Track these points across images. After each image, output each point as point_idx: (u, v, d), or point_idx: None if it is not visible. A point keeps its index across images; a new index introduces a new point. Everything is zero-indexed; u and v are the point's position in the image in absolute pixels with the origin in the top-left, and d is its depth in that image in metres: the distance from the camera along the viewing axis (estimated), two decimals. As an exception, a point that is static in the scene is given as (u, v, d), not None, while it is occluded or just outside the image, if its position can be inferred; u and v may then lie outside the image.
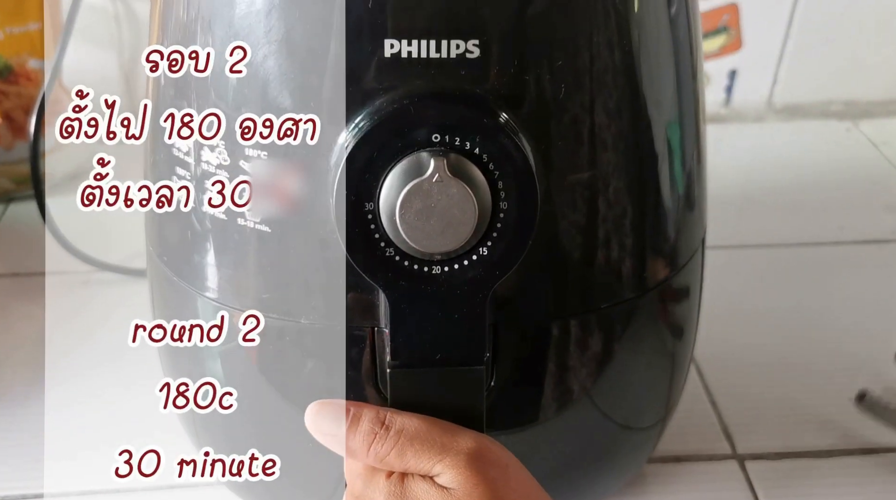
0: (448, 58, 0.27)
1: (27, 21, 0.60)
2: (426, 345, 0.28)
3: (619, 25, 0.29)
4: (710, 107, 0.78)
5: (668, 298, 0.34)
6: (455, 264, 0.28)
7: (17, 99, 0.61)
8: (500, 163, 0.27)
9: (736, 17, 0.73)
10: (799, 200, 0.69)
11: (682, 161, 0.33)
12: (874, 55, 0.78)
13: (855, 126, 0.79)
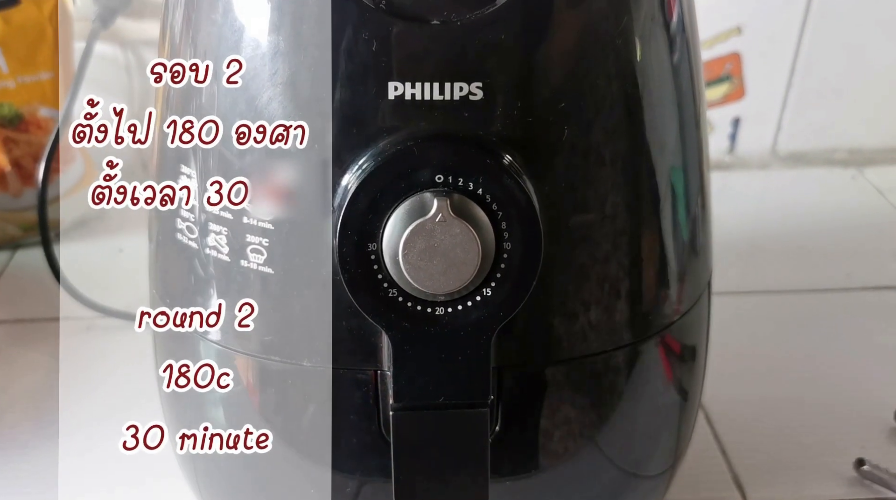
0: (451, 100, 0.27)
1: (39, 71, 0.61)
2: (429, 387, 0.28)
3: (622, 69, 0.29)
4: (715, 154, 0.78)
5: (673, 341, 0.34)
6: (458, 305, 0.27)
7: (27, 147, 0.62)
8: (503, 204, 0.27)
9: (739, 65, 0.74)
10: (806, 246, 0.68)
11: (685, 204, 0.33)
12: (878, 104, 0.78)
13: (860, 173, 0.79)
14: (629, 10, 0.28)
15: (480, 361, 0.28)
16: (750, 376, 0.53)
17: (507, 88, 0.27)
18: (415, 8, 0.27)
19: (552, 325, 0.30)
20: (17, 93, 0.60)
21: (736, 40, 0.73)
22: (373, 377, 0.30)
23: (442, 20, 0.27)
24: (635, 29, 0.29)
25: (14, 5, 0.59)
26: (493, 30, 0.27)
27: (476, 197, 0.27)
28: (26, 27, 0.60)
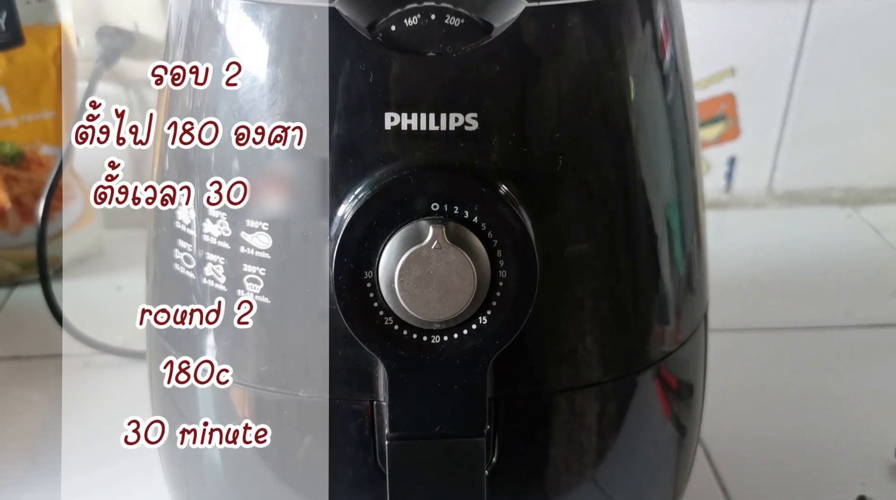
0: (447, 131, 0.27)
1: (42, 109, 0.62)
2: (425, 416, 0.28)
3: (616, 101, 0.29)
4: (711, 193, 0.79)
5: (670, 373, 0.34)
6: (454, 333, 0.27)
7: (28, 184, 0.62)
8: (498, 232, 0.27)
9: (733, 106, 0.75)
10: (804, 284, 0.69)
11: (680, 235, 0.33)
12: (872, 144, 0.79)
13: (856, 212, 0.79)
14: (622, 43, 0.29)
15: (476, 390, 0.28)
16: (750, 412, 0.53)
17: (502, 118, 0.28)
18: (411, 41, 0.27)
19: (548, 355, 0.30)
20: (20, 131, 0.61)
21: (730, 81, 0.73)
22: (369, 408, 0.30)
23: (438, 53, 0.27)
24: (628, 63, 0.29)
25: (18, 45, 0.60)
26: (488, 62, 0.27)
27: (471, 225, 0.27)
28: (30, 67, 0.61)
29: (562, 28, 0.28)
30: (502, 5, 0.27)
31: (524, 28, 0.27)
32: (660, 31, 0.30)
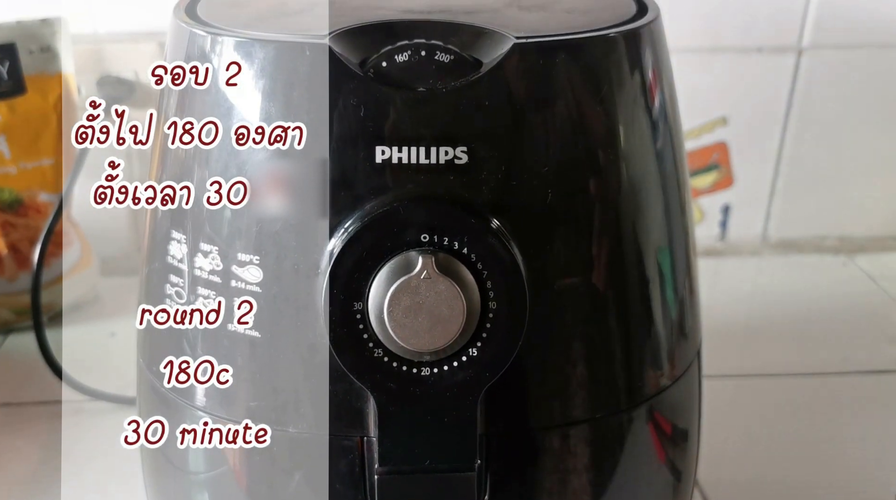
0: (437, 164, 0.28)
1: (41, 157, 0.62)
2: (415, 450, 0.28)
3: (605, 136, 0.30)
4: (706, 241, 0.79)
5: (663, 411, 0.34)
6: (444, 365, 0.27)
7: (25, 231, 0.62)
8: (488, 263, 0.27)
9: (726, 155, 0.75)
10: (801, 331, 0.68)
11: (671, 269, 0.33)
12: (864, 193, 0.80)
13: (851, 260, 0.80)
14: (610, 80, 0.29)
15: (467, 423, 0.28)
16: (748, 458, 0.52)
17: (491, 152, 0.28)
18: (402, 77, 0.28)
19: (539, 390, 0.30)
20: (18, 178, 0.61)
21: (721, 130, 0.74)
22: (359, 444, 0.30)
23: (428, 88, 0.28)
24: (616, 99, 0.30)
25: (20, 94, 0.61)
26: (477, 97, 0.28)
27: (461, 256, 0.27)
28: (31, 116, 0.61)
29: (550, 65, 0.28)
30: (491, 42, 0.28)
31: (513, 64, 0.28)
32: (648, 69, 0.31)
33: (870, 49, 0.73)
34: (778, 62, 0.72)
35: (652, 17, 0.31)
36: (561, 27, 0.30)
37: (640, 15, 0.31)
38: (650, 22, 0.31)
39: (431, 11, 0.31)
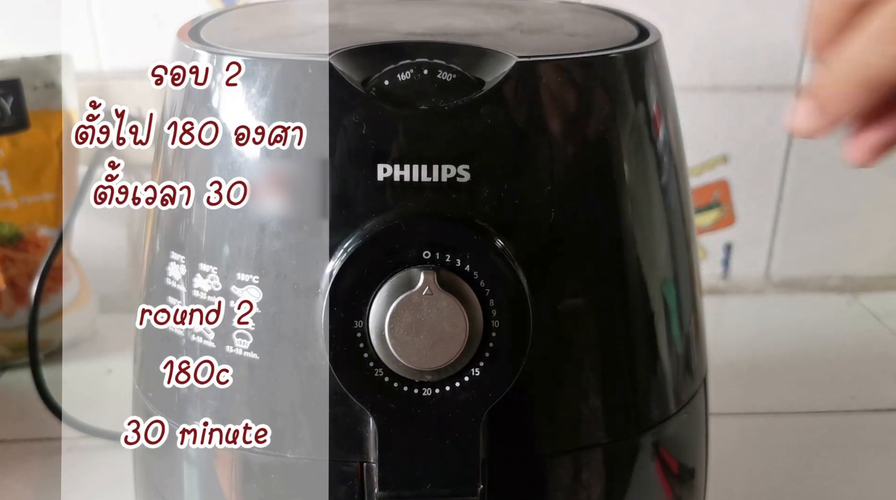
0: (439, 181, 0.28)
1: (42, 192, 0.62)
2: (416, 473, 0.27)
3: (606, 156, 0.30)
4: (709, 280, 0.78)
5: (669, 439, 0.33)
6: (446, 385, 0.27)
7: (24, 266, 0.62)
8: (490, 281, 0.27)
9: (727, 193, 0.75)
10: (807, 370, 0.68)
11: (676, 297, 0.33)
12: (867, 232, 0.79)
13: (855, 299, 0.79)
14: (611, 98, 0.29)
15: (469, 446, 0.27)
16: (754, 497, 0.51)
17: (493, 170, 0.28)
18: (404, 95, 0.28)
19: (543, 415, 0.29)
20: (19, 212, 0.61)
21: (722, 168, 0.75)
22: (358, 470, 0.29)
23: (430, 106, 0.27)
24: (618, 117, 0.30)
25: (23, 130, 0.61)
26: (479, 115, 0.28)
27: (463, 273, 0.27)
28: (33, 151, 0.61)
29: (551, 83, 0.28)
30: (493, 61, 0.28)
31: (515, 83, 0.28)
32: (649, 90, 0.31)
33: (868, 88, 0.74)
34: (777, 100, 0.73)
35: (653, 40, 0.31)
36: (563, 48, 0.30)
37: (641, 39, 0.32)
38: (651, 44, 0.31)
39: (434, 34, 0.31)
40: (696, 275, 0.34)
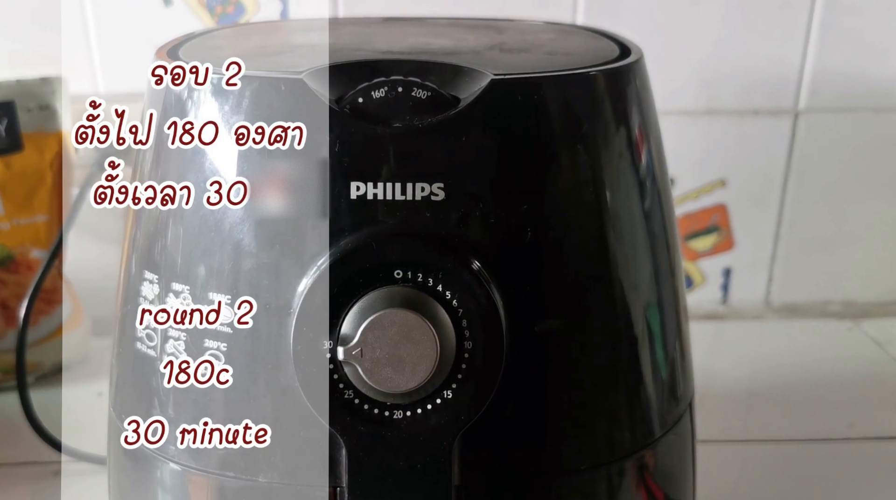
0: (413, 200, 0.27)
1: (35, 214, 0.62)
2: (387, 498, 0.26)
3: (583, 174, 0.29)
4: (708, 305, 0.78)
5: (652, 463, 0.32)
6: (417, 407, 0.26)
7: (16, 288, 0.62)
8: (463, 301, 0.26)
9: (725, 217, 0.75)
10: (806, 397, 0.66)
11: (660, 322, 0.32)
12: (867, 257, 0.78)
13: (856, 325, 0.78)
14: (588, 117, 0.29)
15: (440, 470, 0.26)
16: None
17: (468, 189, 0.27)
18: (378, 112, 0.27)
19: (516, 439, 0.29)
20: (11, 234, 0.61)
21: (721, 192, 0.74)
22: (331, 495, 0.28)
23: (404, 124, 0.27)
24: (596, 136, 0.29)
25: (17, 152, 0.61)
26: (454, 133, 0.27)
27: (435, 294, 0.26)
28: (27, 173, 0.61)
29: (527, 101, 0.28)
30: (469, 79, 0.28)
31: (490, 101, 0.27)
32: (630, 107, 0.30)
33: (865, 112, 0.73)
34: (775, 125, 0.72)
35: (634, 59, 0.31)
36: (541, 66, 0.29)
37: (622, 57, 0.31)
38: (631, 63, 0.30)
39: (412, 52, 0.31)
40: (681, 299, 0.33)
